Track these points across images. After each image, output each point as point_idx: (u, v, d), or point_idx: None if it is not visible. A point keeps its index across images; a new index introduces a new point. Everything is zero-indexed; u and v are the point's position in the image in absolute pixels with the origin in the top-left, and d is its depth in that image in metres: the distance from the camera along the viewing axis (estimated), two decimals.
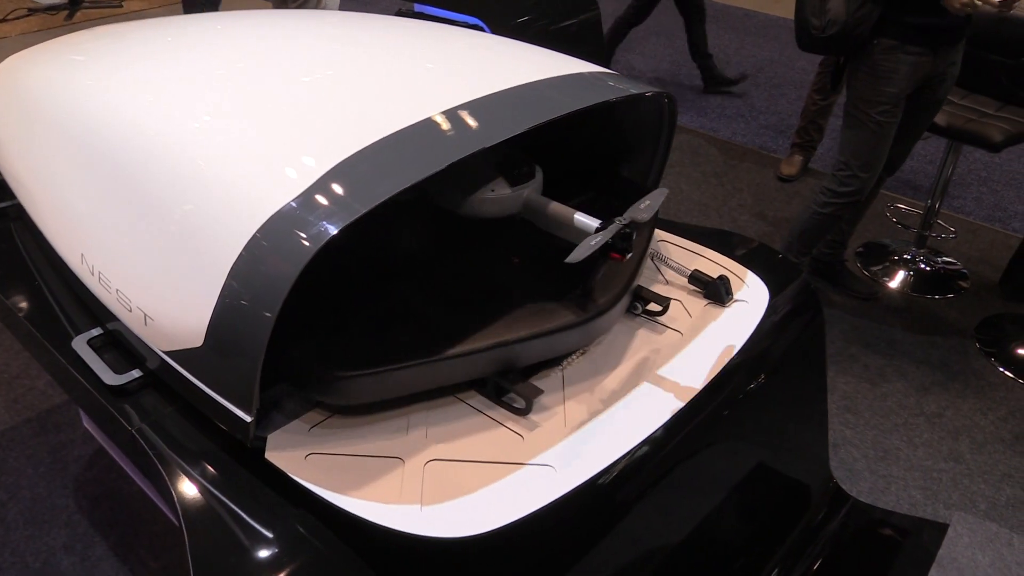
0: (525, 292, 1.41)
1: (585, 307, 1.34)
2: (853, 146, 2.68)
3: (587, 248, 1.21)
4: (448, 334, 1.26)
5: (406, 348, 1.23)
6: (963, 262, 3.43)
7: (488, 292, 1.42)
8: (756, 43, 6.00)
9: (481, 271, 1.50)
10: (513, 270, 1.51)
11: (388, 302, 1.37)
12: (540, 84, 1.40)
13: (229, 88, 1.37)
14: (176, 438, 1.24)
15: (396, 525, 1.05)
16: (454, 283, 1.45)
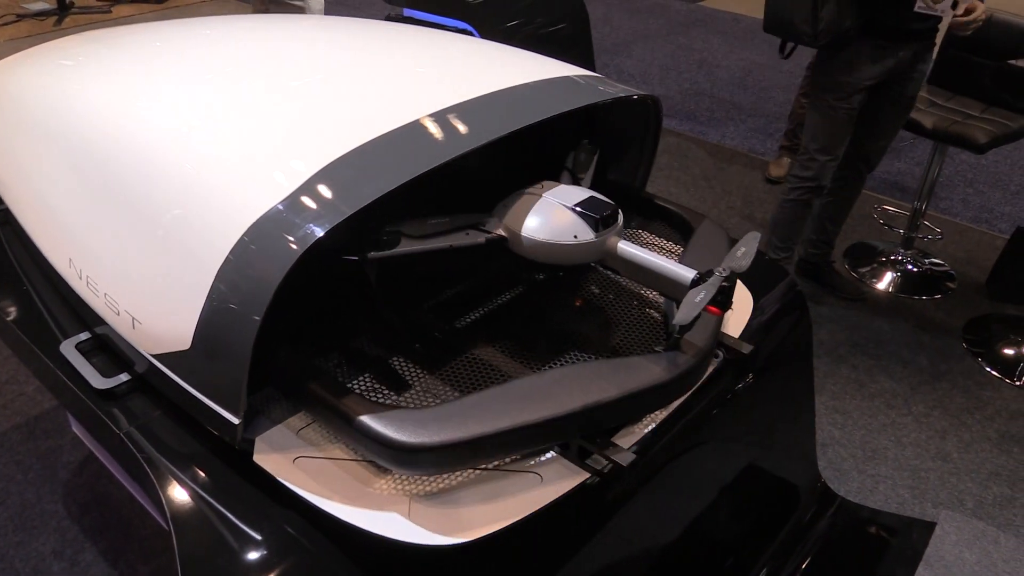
0: (597, 340, 1.33)
1: (676, 361, 1.21)
2: (812, 130, 2.79)
3: (694, 308, 1.12)
4: (526, 394, 1.13)
5: (482, 412, 1.10)
6: (950, 263, 3.46)
7: (556, 339, 1.35)
8: (744, 47, 6.03)
9: (540, 313, 1.42)
10: (575, 313, 1.43)
11: (450, 351, 1.31)
12: (527, 87, 1.41)
13: (216, 92, 1.37)
14: (164, 441, 1.24)
15: (382, 531, 1.06)
16: (516, 330, 1.37)
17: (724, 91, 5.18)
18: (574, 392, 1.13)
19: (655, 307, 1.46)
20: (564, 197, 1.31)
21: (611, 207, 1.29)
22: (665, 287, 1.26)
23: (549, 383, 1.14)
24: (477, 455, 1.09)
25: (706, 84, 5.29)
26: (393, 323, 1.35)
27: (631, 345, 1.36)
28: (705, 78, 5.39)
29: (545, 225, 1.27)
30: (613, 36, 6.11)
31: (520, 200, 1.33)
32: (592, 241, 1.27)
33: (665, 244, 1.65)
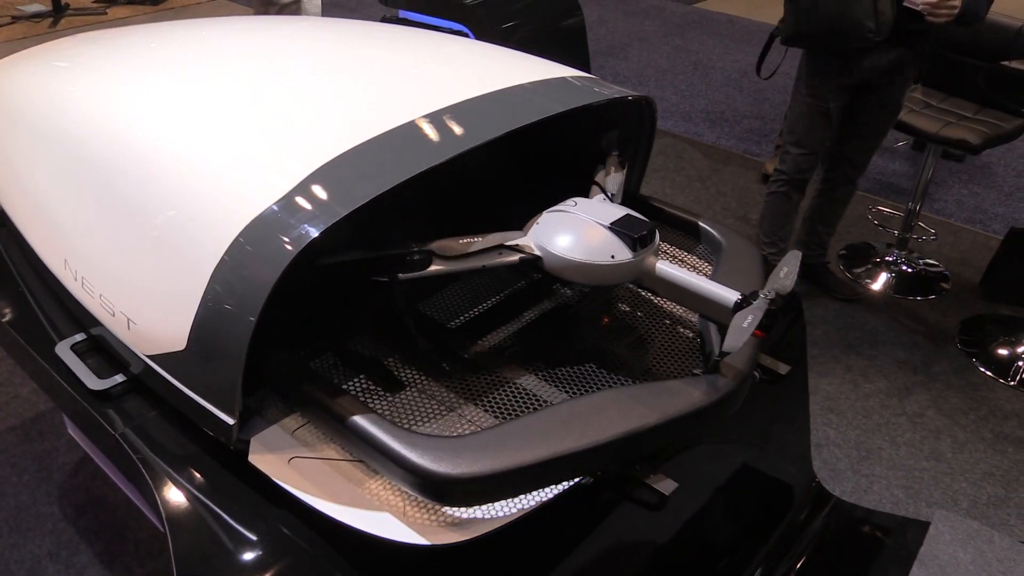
0: (629, 360, 1.29)
1: (716, 385, 1.17)
2: (789, 123, 2.87)
3: (743, 333, 1.08)
4: (565, 421, 1.08)
5: (520, 440, 1.06)
6: (944, 263, 3.47)
7: (586, 358, 1.31)
8: (740, 48, 6.04)
9: (567, 330, 1.39)
10: (604, 331, 1.39)
11: (478, 372, 1.27)
12: (522, 88, 1.41)
13: (211, 93, 1.37)
14: (159, 442, 1.25)
15: (377, 531, 1.06)
16: (544, 347, 1.33)
17: (719, 93, 5.19)
18: (614, 419, 1.09)
19: (688, 326, 1.42)
20: (599, 215, 1.26)
21: (648, 225, 1.25)
22: (706, 308, 1.22)
23: (588, 409, 1.10)
24: (514, 486, 1.06)
25: (701, 86, 5.30)
26: (424, 346, 1.30)
27: (665, 366, 1.31)
28: (700, 80, 5.40)
29: (580, 244, 1.23)
30: (609, 38, 6.12)
31: (552, 217, 1.29)
32: (630, 261, 1.23)
33: (687, 258, 1.64)
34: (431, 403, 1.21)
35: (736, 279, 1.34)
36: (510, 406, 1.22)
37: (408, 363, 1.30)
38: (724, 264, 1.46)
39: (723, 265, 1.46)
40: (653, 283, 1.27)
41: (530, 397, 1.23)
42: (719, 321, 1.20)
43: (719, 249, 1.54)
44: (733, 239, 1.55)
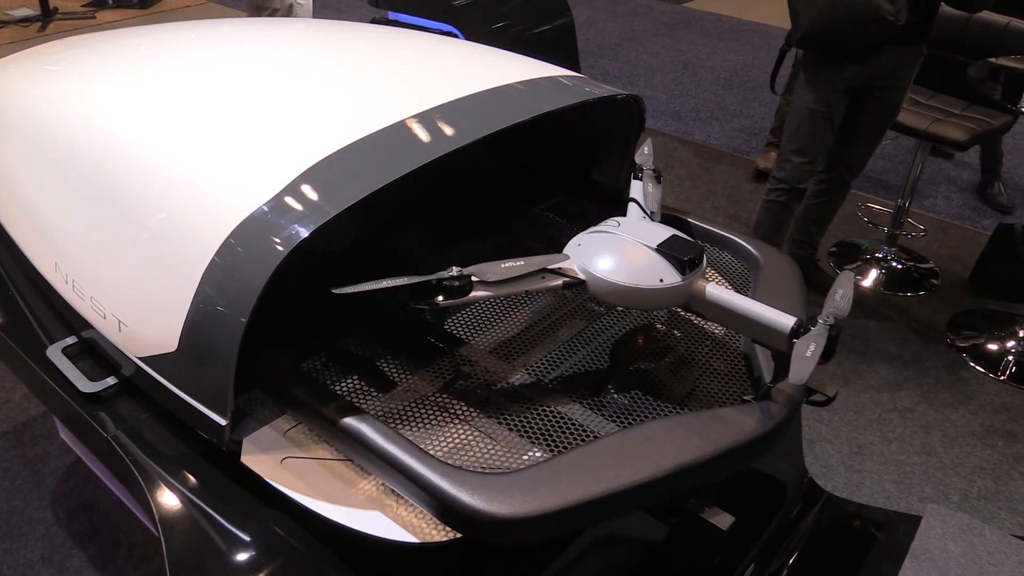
0: (671, 384, 1.24)
1: (769, 413, 1.14)
2: (790, 131, 2.79)
3: (808, 363, 1.04)
4: (617, 454, 1.04)
5: (573, 476, 1.01)
6: (934, 260, 3.49)
7: (627, 383, 1.27)
8: (729, 47, 6.06)
9: (605, 351, 1.32)
10: (643, 352, 1.34)
11: (515, 397, 1.22)
12: (511, 87, 1.42)
13: (201, 95, 1.37)
14: (152, 444, 1.25)
15: (368, 529, 1.06)
16: (583, 370, 1.29)
17: (709, 91, 5.21)
18: (669, 451, 1.05)
19: (729, 346, 1.37)
20: (645, 236, 1.22)
21: (697, 247, 1.20)
22: (759, 334, 1.17)
23: (640, 441, 1.06)
24: (564, 525, 1.02)
25: (691, 85, 5.31)
26: (461, 375, 1.26)
27: (709, 390, 1.26)
28: (690, 79, 5.42)
29: (627, 268, 1.18)
30: (598, 38, 6.13)
31: (595, 239, 1.24)
32: (679, 285, 1.18)
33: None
34: (469, 430, 1.17)
35: (778, 299, 1.30)
36: (548, 431, 1.17)
37: (445, 390, 1.25)
38: (764, 283, 1.42)
39: (763, 284, 1.41)
40: (702, 307, 1.21)
41: (567, 421, 1.19)
42: (773, 347, 1.16)
43: (756, 266, 1.49)
44: (771, 255, 1.50)
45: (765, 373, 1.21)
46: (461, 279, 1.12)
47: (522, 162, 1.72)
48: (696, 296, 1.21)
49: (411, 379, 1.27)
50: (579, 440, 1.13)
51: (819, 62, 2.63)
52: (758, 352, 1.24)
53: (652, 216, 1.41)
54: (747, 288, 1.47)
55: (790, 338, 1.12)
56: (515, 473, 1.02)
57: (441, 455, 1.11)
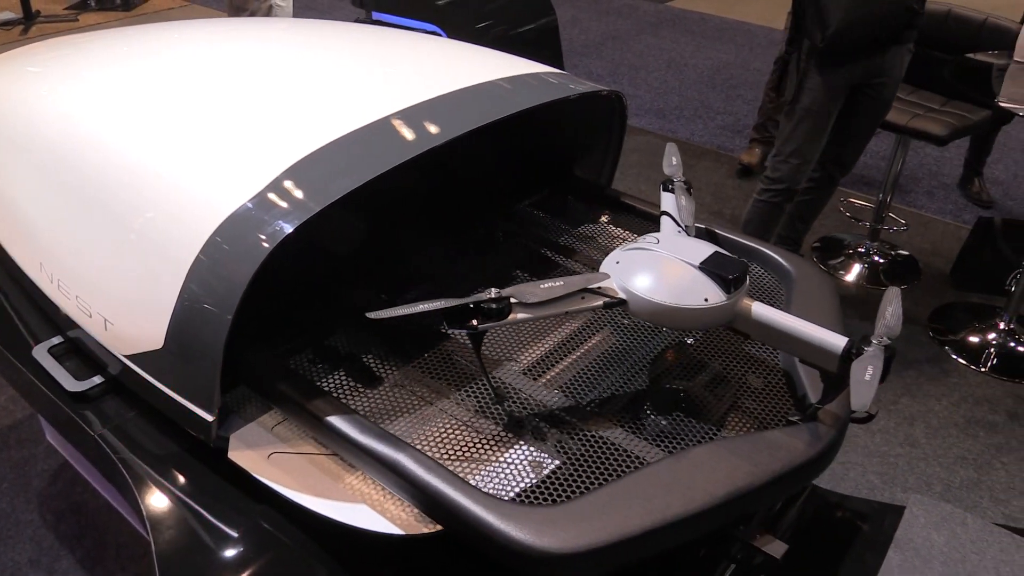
0: (710, 404, 1.22)
1: (818, 434, 1.10)
2: (785, 133, 2.79)
3: (869, 387, 1.01)
4: (668, 483, 1.01)
5: (624, 507, 0.98)
6: (916, 254, 3.52)
7: (663, 402, 1.23)
8: (712, 45, 6.09)
9: (636, 367, 1.29)
10: (676, 369, 1.30)
11: (544, 416, 1.19)
12: (493, 84, 1.43)
13: (185, 94, 1.38)
14: (139, 442, 1.25)
15: (355, 522, 1.07)
16: (612, 385, 1.25)
17: (693, 90, 5.23)
18: (719, 479, 1.02)
19: (768, 364, 1.32)
20: (686, 253, 1.18)
21: (741, 265, 1.17)
22: (808, 354, 1.13)
23: (690, 468, 1.03)
24: (615, 559, 0.97)
25: (675, 83, 5.34)
26: (498, 398, 1.22)
27: (751, 411, 1.22)
28: (674, 77, 5.44)
29: (670, 287, 1.14)
30: (583, 38, 6.15)
31: (635, 256, 1.20)
32: (724, 304, 1.14)
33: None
34: (506, 451, 1.13)
35: (816, 315, 1.27)
36: (584, 453, 1.13)
37: (474, 410, 1.21)
38: (799, 297, 1.39)
39: (798, 298, 1.38)
40: (747, 326, 1.18)
41: (601, 442, 1.15)
42: (823, 367, 1.13)
43: (788, 279, 1.46)
44: (803, 267, 1.47)
45: (809, 392, 1.18)
46: (499, 301, 1.09)
47: (506, 159, 1.73)
48: (741, 315, 1.17)
49: (434, 385, 1.25)
50: (619, 463, 1.09)
51: (829, 61, 2.60)
52: (799, 370, 1.21)
53: (687, 230, 1.38)
54: (779, 302, 1.43)
55: (842, 359, 1.08)
56: (563, 505, 0.98)
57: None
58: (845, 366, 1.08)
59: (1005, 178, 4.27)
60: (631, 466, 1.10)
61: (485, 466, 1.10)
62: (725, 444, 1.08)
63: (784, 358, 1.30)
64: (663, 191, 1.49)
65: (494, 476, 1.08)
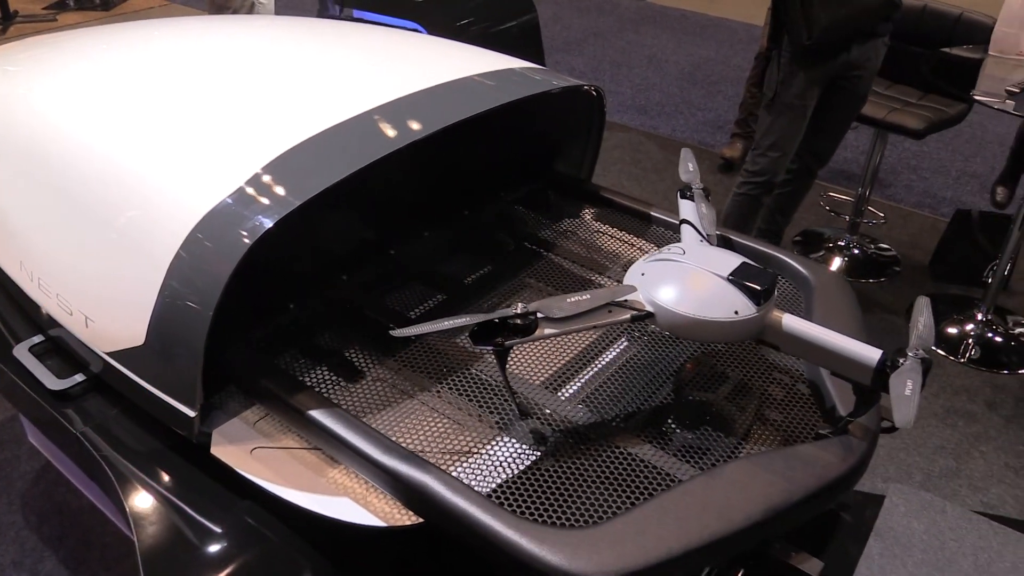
0: (734, 416, 1.19)
1: (851, 448, 1.08)
2: (765, 126, 2.82)
3: (911, 403, 0.98)
4: (703, 502, 0.98)
5: (660, 528, 0.96)
6: (895, 247, 3.56)
7: (689, 416, 1.20)
8: (693, 42, 6.12)
9: (655, 378, 1.26)
10: (695, 380, 1.28)
11: (565, 432, 1.16)
12: (472, 79, 1.44)
13: (163, 92, 1.38)
14: (122, 439, 1.25)
15: (338, 515, 1.07)
16: (630, 397, 1.22)
17: (674, 86, 5.26)
18: (755, 496, 1.00)
19: (792, 374, 1.30)
20: (713, 264, 1.15)
21: (770, 276, 1.13)
22: (840, 367, 1.11)
23: (725, 487, 1.01)
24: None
25: (656, 79, 5.36)
26: (523, 413, 1.19)
27: (778, 423, 1.19)
28: (655, 73, 5.47)
29: (699, 299, 1.11)
30: (564, 35, 6.16)
31: (661, 268, 1.17)
32: (754, 317, 1.11)
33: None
34: (527, 468, 1.10)
35: (839, 324, 1.24)
36: (608, 469, 1.11)
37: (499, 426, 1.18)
38: (820, 306, 1.37)
39: (819, 307, 1.37)
40: (777, 338, 1.15)
41: (635, 462, 1.12)
42: (856, 380, 1.11)
43: (806, 286, 1.44)
44: (822, 274, 1.45)
45: (837, 403, 1.16)
46: (525, 317, 1.07)
47: (486, 154, 1.74)
48: (771, 327, 1.14)
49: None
50: (650, 481, 1.07)
51: (811, 57, 2.63)
52: (826, 380, 1.20)
53: (709, 239, 1.36)
54: (799, 310, 1.41)
55: (876, 372, 1.06)
56: (597, 527, 0.96)
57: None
58: (879, 379, 1.06)
59: (983, 171, 4.31)
60: (662, 484, 1.07)
61: (490, 469, 1.09)
62: (759, 460, 1.06)
63: (808, 368, 1.28)
64: (681, 199, 1.46)
65: (489, 475, 1.07)
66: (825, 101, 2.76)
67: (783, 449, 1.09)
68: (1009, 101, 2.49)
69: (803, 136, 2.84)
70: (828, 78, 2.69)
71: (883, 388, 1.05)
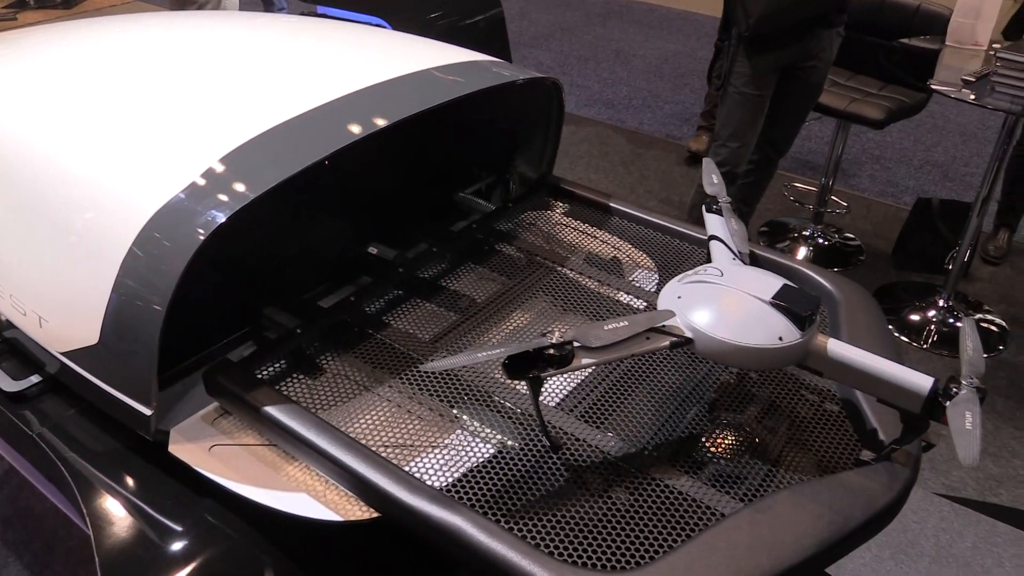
0: (766, 439, 1.15)
1: (895, 475, 1.04)
2: (723, 117, 2.87)
3: (973, 438, 0.93)
4: (751, 540, 0.94)
5: (709, 568, 0.91)
6: (859, 236, 3.60)
7: (729, 447, 1.16)
8: (660, 35, 6.15)
9: (680, 399, 1.22)
10: (717, 404, 1.23)
11: (586, 454, 1.11)
12: (429, 72, 1.44)
13: (116, 88, 1.37)
14: (79, 440, 1.24)
15: (296, 510, 1.07)
16: (655, 419, 1.18)
17: (641, 79, 5.28)
18: (804, 530, 0.95)
19: (826, 396, 1.25)
20: (753, 287, 1.10)
21: (814, 300, 1.08)
22: (889, 394, 1.05)
23: (773, 521, 0.96)
24: None
25: (624, 73, 5.39)
26: (555, 443, 1.13)
27: (816, 448, 1.15)
28: (623, 68, 5.49)
29: (741, 325, 1.06)
30: (531, 30, 6.17)
31: (699, 291, 1.12)
32: (799, 343, 1.05)
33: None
34: (544, 498, 1.06)
35: (870, 344, 1.19)
36: (654, 506, 1.05)
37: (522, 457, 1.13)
38: (848, 324, 1.32)
39: (847, 326, 1.31)
40: (821, 364, 1.09)
41: (673, 494, 1.07)
42: (905, 408, 1.05)
43: (831, 301, 1.38)
44: (846, 289, 1.40)
45: (878, 427, 1.12)
46: (561, 348, 1.02)
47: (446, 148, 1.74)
48: (816, 353, 1.08)
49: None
50: (691, 515, 1.03)
51: (756, 47, 2.68)
52: (863, 402, 1.16)
53: (742, 257, 1.31)
54: (823, 327, 1.36)
55: (928, 401, 1.02)
56: (641, 569, 0.90)
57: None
58: (929, 407, 1.02)
59: (944, 160, 4.38)
60: (703, 518, 1.02)
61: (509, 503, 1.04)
62: (804, 491, 1.01)
63: (840, 388, 1.24)
64: (707, 212, 1.41)
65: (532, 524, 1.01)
66: (781, 91, 2.80)
67: (827, 478, 1.04)
68: (965, 90, 2.53)
69: (762, 126, 2.88)
70: (781, 68, 2.73)
71: (934, 417, 1.02)
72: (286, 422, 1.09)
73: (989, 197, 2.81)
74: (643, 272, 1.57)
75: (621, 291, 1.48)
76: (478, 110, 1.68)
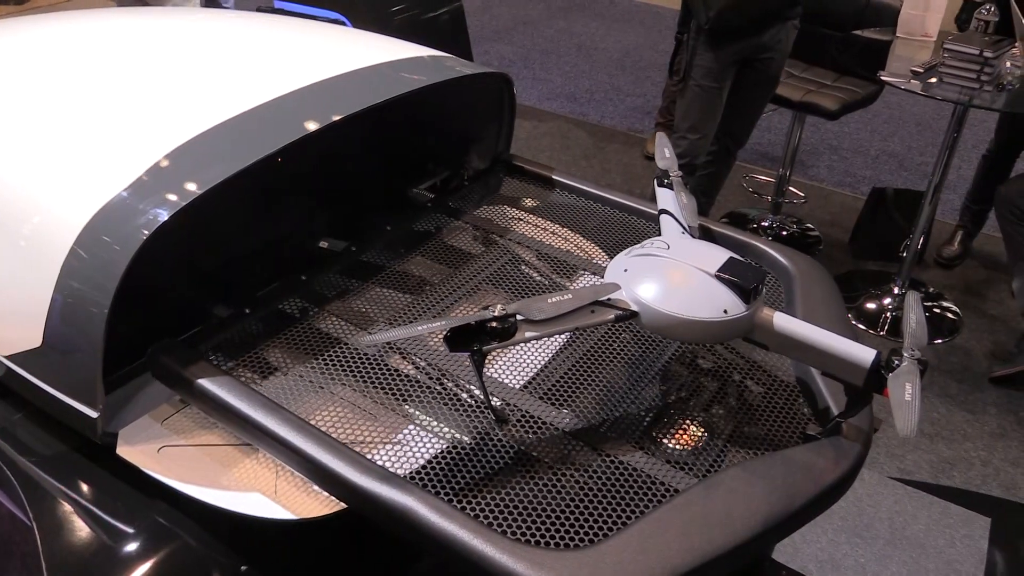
0: (722, 419, 1.15)
1: (843, 450, 1.04)
2: (683, 110, 2.90)
3: (912, 410, 0.94)
4: (703, 515, 0.94)
5: (660, 546, 0.90)
6: (817, 225, 3.65)
7: (680, 423, 1.15)
8: (622, 29, 6.18)
9: (629, 373, 1.21)
10: (673, 378, 1.22)
11: (536, 428, 1.10)
12: (379, 67, 1.44)
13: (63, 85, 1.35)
14: (26, 444, 1.23)
15: (248, 510, 1.06)
16: (603, 394, 1.18)
17: (603, 73, 5.30)
18: (756, 506, 0.95)
19: (772, 372, 1.25)
20: (699, 260, 1.09)
21: (760, 272, 1.07)
22: (832, 367, 1.06)
23: (725, 497, 0.96)
24: None
25: (586, 67, 5.40)
26: (501, 415, 1.12)
27: (764, 423, 1.14)
28: (585, 61, 5.51)
29: (686, 298, 1.05)
30: (493, 24, 6.16)
31: (645, 264, 1.11)
32: (744, 315, 1.05)
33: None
34: (500, 475, 1.05)
35: (823, 319, 1.20)
36: (605, 483, 1.05)
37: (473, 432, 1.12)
38: (802, 299, 1.31)
39: (801, 300, 1.31)
40: (767, 337, 1.09)
41: (626, 471, 1.06)
42: (848, 381, 1.06)
43: (786, 276, 1.38)
44: (801, 263, 1.39)
45: (830, 403, 1.12)
46: (504, 320, 1.00)
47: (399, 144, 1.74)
48: (761, 326, 1.08)
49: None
50: (643, 492, 1.02)
51: (715, 40, 2.70)
52: (816, 379, 1.16)
53: (691, 231, 1.31)
54: (779, 302, 1.36)
55: (870, 373, 1.02)
56: (596, 546, 0.90)
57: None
58: (872, 380, 1.03)
59: (900, 150, 4.45)
60: (656, 494, 1.02)
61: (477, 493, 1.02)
62: (756, 467, 1.01)
63: (795, 365, 1.24)
64: (658, 187, 1.40)
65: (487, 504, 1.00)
66: (738, 83, 2.82)
67: (779, 454, 1.04)
68: (914, 81, 2.57)
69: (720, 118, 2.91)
70: (739, 60, 2.75)
71: (876, 389, 1.02)
72: (226, 397, 1.08)
73: (940, 185, 2.86)
74: (592, 247, 1.58)
75: (570, 265, 1.48)
76: (430, 106, 1.68)
